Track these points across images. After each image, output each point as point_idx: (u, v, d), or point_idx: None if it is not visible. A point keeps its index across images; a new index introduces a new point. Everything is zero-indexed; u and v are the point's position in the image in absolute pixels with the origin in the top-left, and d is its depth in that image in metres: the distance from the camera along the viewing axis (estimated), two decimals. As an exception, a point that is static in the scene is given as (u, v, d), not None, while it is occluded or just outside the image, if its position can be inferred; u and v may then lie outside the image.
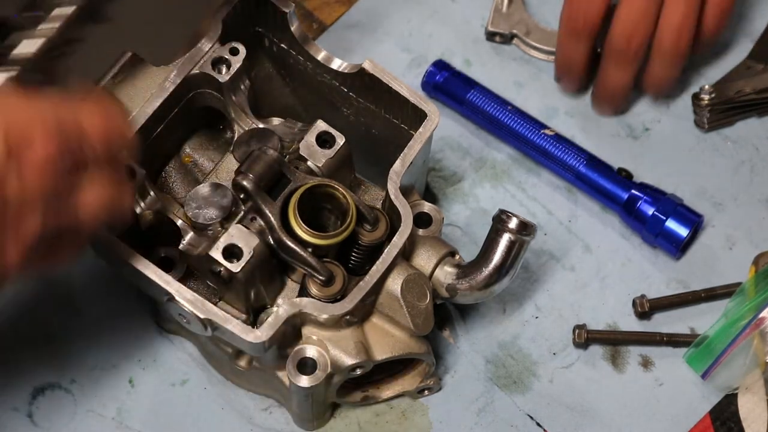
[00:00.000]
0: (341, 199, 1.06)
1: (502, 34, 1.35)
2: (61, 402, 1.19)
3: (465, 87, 1.31)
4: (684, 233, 1.23)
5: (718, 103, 1.30)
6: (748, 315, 1.17)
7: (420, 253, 1.11)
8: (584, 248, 1.27)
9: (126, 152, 0.96)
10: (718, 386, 1.20)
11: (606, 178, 1.27)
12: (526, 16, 1.35)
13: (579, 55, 1.26)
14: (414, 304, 1.08)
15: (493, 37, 1.36)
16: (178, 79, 1.08)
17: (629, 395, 1.21)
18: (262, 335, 1.03)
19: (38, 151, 0.86)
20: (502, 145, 1.31)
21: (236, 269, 1.03)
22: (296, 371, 1.07)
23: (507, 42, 1.36)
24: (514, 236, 1.09)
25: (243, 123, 1.13)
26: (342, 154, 1.10)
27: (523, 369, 1.22)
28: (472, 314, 1.24)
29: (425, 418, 1.20)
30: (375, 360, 1.09)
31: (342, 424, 1.19)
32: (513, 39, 1.36)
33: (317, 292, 1.05)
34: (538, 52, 1.35)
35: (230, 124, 1.14)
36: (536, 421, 1.20)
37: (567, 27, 1.25)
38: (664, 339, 1.22)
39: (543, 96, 1.34)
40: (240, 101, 1.13)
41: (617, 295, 1.25)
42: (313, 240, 1.04)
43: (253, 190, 1.05)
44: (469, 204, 1.29)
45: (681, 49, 1.24)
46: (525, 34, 1.34)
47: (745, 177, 1.30)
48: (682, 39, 1.23)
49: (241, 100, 1.13)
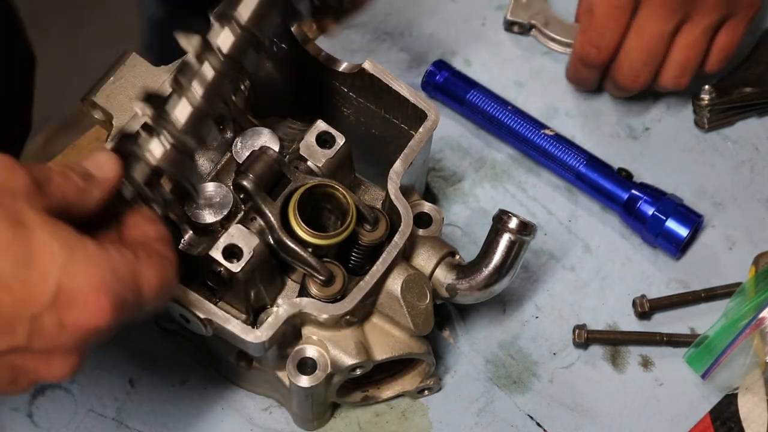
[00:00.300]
0: (341, 199, 1.06)
1: (521, 24, 1.35)
2: (61, 402, 1.18)
3: (465, 87, 1.31)
4: (684, 233, 1.23)
5: (718, 103, 1.30)
6: (748, 315, 1.17)
7: (420, 253, 1.11)
8: (584, 248, 1.27)
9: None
10: (718, 386, 1.20)
11: (606, 178, 1.27)
12: (545, 7, 1.36)
13: (591, 78, 1.29)
14: (414, 304, 1.08)
15: (511, 26, 1.36)
16: (178, 79, 1.08)
17: (629, 395, 1.21)
18: (262, 335, 1.03)
19: (89, 318, 0.87)
20: (502, 145, 1.31)
21: (236, 269, 1.03)
22: (296, 371, 1.07)
23: (525, 32, 1.36)
24: (514, 236, 1.09)
25: (243, 123, 1.13)
26: (342, 154, 1.10)
27: (523, 369, 1.22)
28: (472, 314, 1.24)
29: (425, 418, 1.20)
30: (375, 360, 1.09)
31: (342, 424, 1.19)
32: (531, 29, 1.36)
33: (317, 292, 1.05)
34: (555, 43, 1.35)
35: (230, 124, 1.14)
36: (536, 421, 1.20)
37: (580, 56, 1.26)
38: (664, 339, 1.22)
39: (543, 96, 1.34)
40: (240, 101, 1.13)
41: (617, 295, 1.25)
42: (313, 240, 1.04)
43: (253, 190, 1.05)
44: (469, 204, 1.29)
45: (682, 85, 1.26)
46: (544, 24, 1.35)
47: (745, 177, 1.30)
48: (684, 77, 1.25)
49: (240, 100, 1.13)
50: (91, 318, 0.86)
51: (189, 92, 0.98)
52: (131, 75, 1.09)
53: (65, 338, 0.87)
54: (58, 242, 0.85)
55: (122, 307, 0.88)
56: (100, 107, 1.08)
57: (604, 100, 1.34)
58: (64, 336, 0.86)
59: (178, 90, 0.98)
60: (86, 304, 0.86)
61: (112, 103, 1.08)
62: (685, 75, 1.25)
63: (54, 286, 0.85)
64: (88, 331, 0.87)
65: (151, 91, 0.96)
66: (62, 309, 0.85)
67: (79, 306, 0.85)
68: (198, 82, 0.98)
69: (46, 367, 0.88)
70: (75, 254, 0.86)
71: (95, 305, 0.86)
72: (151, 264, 0.91)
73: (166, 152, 0.97)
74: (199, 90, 0.98)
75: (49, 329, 0.86)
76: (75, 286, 0.85)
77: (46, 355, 0.88)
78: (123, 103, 1.08)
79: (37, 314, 0.85)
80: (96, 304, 0.86)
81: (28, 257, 0.84)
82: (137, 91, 1.08)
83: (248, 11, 0.99)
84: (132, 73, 1.09)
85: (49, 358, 0.88)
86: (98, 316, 0.86)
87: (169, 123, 0.97)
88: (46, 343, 0.86)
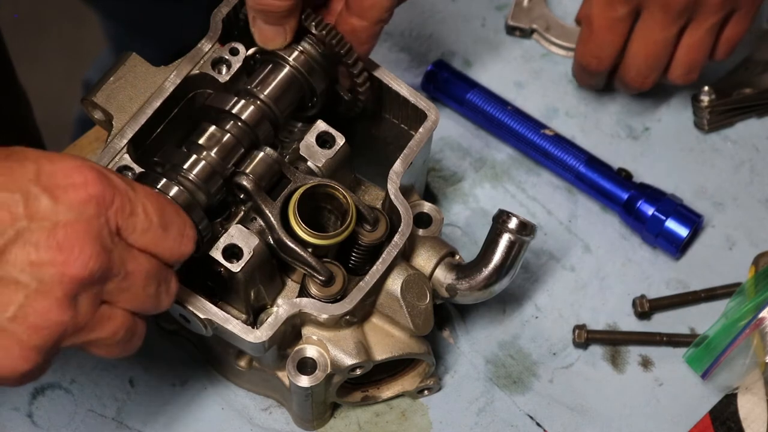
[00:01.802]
0: (341, 200, 1.06)
1: (522, 29, 1.35)
2: (61, 402, 1.19)
3: (465, 87, 1.31)
4: (684, 233, 1.23)
5: (718, 104, 1.30)
6: (748, 315, 1.18)
7: (420, 253, 1.11)
8: (584, 248, 1.27)
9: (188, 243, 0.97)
10: (718, 386, 1.20)
11: (606, 178, 1.27)
12: (546, 12, 1.36)
13: (597, 80, 1.28)
14: (414, 305, 1.08)
15: (513, 31, 1.36)
16: (178, 79, 1.08)
17: (629, 395, 1.21)
18: (262, 335, 1.03)
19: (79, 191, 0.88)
20: (502, 145, 1.31)
21: (236, 269, 1.03)
22: (296, 371, 1.07)
23: (527, 36, 1.36)
24: (514, 236, 1.09)
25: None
26: (342, 154, 1.10)
27: (523, 369, 1.22)
28: (472, 314, 1.24)
29: (425, 418, 1.20)
30: (375, 360, 1.09)
31: (342, 424, 1.19)
32: (533, 34, 1.36)
33: (317, 292, 1.06)
34: (557, 48, 1.35)
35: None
36: (536, 421, 1.20)
37: (581, 65, 1.26)
38: (664, 339, 1.22)
39: (543, 96, 1.34)
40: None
41: (617, 295, 1.25)
42: (313, 240, 1.05)
43: (253, 190, 1.05)
44: (469, 204, 1.29)
45: (692, 80, 1.25)
46: (545, 29, 1.35)
47: (745, 177, 1.30)
48: (693, 73, 1.24)
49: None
50: (78, 180, 0.88)
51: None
52: (131, 75, 1.09)
53: (63, 208, 0.87)
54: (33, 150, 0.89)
55: (108, 181, 0.89)
56: (100, 107, 1.08)
57: (604, 100, 1.34)
58: (60, 204, 0.87)
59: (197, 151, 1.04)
60: (68, 173, 0.88)
61: (112, 103, 1.08)
62: (693, 71, 1.24)
63: (34, 167, 0.87)
64: (81, 198, 0.87)
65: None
66: (47, 180, 0.87)
67: (61, 174, 0.87)
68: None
69: (59, 251, 0.86)
70: (53, 155, 0.89)
71: (78, 173, 0.88)
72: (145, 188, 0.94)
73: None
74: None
75: (41, 200, 0.86)
76: (53, 165, 0.87)
77: (53, 234, 0.86)
78: (123, 103, 1.08)
79: (26, 190, 0.86)
80: (78, 172, 0.88)
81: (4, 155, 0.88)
82: (137, 91, 1.08)
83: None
84: (132, 74, 1.09)
85: (57, 237, 0.86)
86: (84, 181, 0.88)
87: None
88: (46, 215, 0.86)
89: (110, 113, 1.08)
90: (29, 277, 0.86)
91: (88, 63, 2.32)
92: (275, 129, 1.08)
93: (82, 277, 0.87)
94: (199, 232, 1.00)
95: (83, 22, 2.36)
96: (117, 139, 1.05)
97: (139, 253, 0.91)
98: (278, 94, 1.07)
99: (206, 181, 1.03)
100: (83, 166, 0.89)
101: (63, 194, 0.87)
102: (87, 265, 0.87)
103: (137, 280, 0.91)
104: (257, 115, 1.06)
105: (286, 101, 1.08)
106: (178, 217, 0.95)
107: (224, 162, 1.04)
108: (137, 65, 1.10)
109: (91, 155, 1.28)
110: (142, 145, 1.08)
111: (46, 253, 0.86)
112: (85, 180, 0.88)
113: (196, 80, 1.10)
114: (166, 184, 1.02)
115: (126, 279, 0.90)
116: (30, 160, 0.87)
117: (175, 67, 1.09)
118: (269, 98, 1.07)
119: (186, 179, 1.02)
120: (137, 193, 0.91)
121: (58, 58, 2.63)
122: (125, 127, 1.06)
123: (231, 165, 1.05)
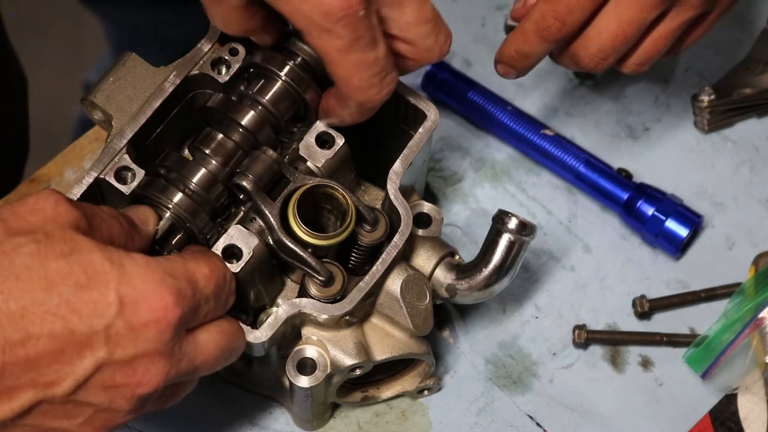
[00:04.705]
0: (341, 200, 1.06)
1: None
2: (61, 402, 1.18)
3: (465, 87, 1.31)
4: (684, 233, 1.23)
5: (718, 104, 1.30)
6: (748, 315, 1.18)
7: (420, 253, 1.11)
8: (584, 248, 1.27)
9: (232, 297, 1.01)
10: (718, 386, 1.20)
11: (606, 178, 1.27)
12: None
13: (538, 55, 1.14)
14: (414, 305, 1.08)
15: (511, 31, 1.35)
16: (178, 79, 1.08)
17: (629, 395, 1.21)
18: (261, 335, 1.03)
19: (157, 315, 0.91)
20: (502, 145, 1.31)
21: (236, 269, 1.03)
22: (296, 371, 1.07)
23: None
24: (514, 236, 1.09)
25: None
26: (342, 154, 1.10)
27: (523, 369, 1.22)
28: (472, 314, 1.24)
29: (425, 418, 1.20)
30: (375, 360, 1.09)
31: (342, 424, 1.19)
32: None
33: (317, 292, 1.06)
34: None
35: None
36: (536, 421, 1.20)
37: (538, 28, 1.11)
38: (664, 339, 1.22)
39: (543, 96, 1.34)
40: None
41: (617, 295, 1.25)
42: (312, 240, 1.05)
43: (253, 190, 1.05)
44: (469, 204, 1.29)
45: (640, 72, 1.17)
46: None
47: (745, 177, 1.30)
48: (646, 65, 1.15)
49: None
50: (159, 314, 0.91)
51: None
52: (131, 75, 1.09)
53: (142, 342, 0.91)
54: (109, 260, 0.91)
55: (183, 298, 0.93)
56: (100, 107, 1.08)
57: (604, 100, 1.34)
58: (140, 339, 0.91)
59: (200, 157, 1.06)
60: (150, 303, 0.91)
61: (112, 104, 1.08)
62: (648, 63, 1.15)
63: (116, 298, 0.90)
64: (161, 329, 0.91)
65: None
66: (130, 314, 0.90)
67: (144, 307, 0.90)
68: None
69: (134, 376, 0.92)
70: (128, 266, 0.91)
71: (158, 302, 0.91)
72: (196, 259, 0.97)
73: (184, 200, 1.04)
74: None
75: (123, 335, 0.90)
76: (136, 292, 0.91)
77: (130, 364, 0.91)
78: (123, 104, 1.08)
79: (109, 325, 0.90)
80: (159, 301, 0.91)
81: (85, 279, 0.90)
82: (137, 92, 1.09)
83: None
84: (132, 74, 1.09)
85: (134, 366, 0.91)
86: (164, 311, 0.91)
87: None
88: (126, 350, 0.91)
89: (110, 113, 1.08)
90: (103, 398, 0.92)
91: (88, 63, 2.32)
92: (276, 132, 1.08)
93: (150, 393, 0.94)
94: (203, 236, 1.05)
95: (83, 22, 2.36)
96: (117, 139, 1.06)
97: (200, 334, 0.97)
98: (278, 99, 1.08)
99: (209, 188, 1.05)
100: (162, 288, 0.92)
101: (144, 330, 0.91)
102: (154, 384, 0.93)
103: (204, 369, 0.99)
104: (261, 121, 1.07)
105: (284, 106, 1.09)
106: (229, 286, 1.00)
107: (226, 168, 1.06)
108: (137, 65, 1.10)
109: (91, 155, 1.28)
110: (142, 146, 1.08)
111: (121, 379, 0.92)
112: (165, 307, 0.92)
113: (195, 80, 1.10)
114: (172, 191, 1.03)
115: (194, 373, 0.98)
116: (111, 288, 0.90)
117: (175, 68, 1.09)
118: (271, 103, 1.07)
119: (189, 188, 1.04)
120: (203, 290, 0.96)
121: (58, 58, 2.63)
122: (125, 127, 1.06)
123: (231, 168, 1.06)
